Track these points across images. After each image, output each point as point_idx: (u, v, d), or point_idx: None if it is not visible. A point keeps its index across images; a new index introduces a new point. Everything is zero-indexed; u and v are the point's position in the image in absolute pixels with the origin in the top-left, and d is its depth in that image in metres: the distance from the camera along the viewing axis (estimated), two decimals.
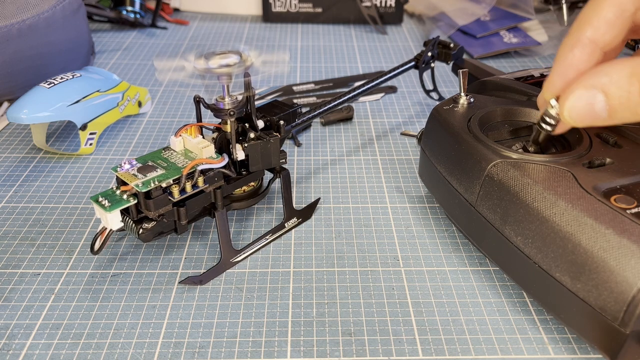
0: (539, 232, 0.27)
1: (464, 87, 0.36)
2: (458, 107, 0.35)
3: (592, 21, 0.27)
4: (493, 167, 0.30)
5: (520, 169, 0.29)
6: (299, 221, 0.37)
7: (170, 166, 0.30)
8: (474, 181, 0.31)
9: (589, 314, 0.25)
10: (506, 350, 0.28)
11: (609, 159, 0.29)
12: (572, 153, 0.30)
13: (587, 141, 0.31)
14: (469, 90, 0.38)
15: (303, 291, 0.31)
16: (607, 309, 0.24)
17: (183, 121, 0.50)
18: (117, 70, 0.61)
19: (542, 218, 0.27)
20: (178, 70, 0.29)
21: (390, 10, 0.75)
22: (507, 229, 0.29)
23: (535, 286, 0.28)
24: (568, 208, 0.26)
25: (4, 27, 0.46)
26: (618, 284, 0.23)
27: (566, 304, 0.26)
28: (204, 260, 0.34)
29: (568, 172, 0.28)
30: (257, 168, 0.33)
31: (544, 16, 0.76)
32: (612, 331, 0.24)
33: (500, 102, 0.36)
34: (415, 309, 0.30)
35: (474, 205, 0.31)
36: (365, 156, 0.45)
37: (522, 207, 0.28)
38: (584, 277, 0.25)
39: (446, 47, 0.49)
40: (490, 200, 0.30)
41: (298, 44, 0.69)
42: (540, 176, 0.28)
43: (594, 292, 0.24)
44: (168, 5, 0.79)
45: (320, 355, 0.28)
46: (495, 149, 0.30)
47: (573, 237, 0.25)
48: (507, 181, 0.29)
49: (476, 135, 0.32)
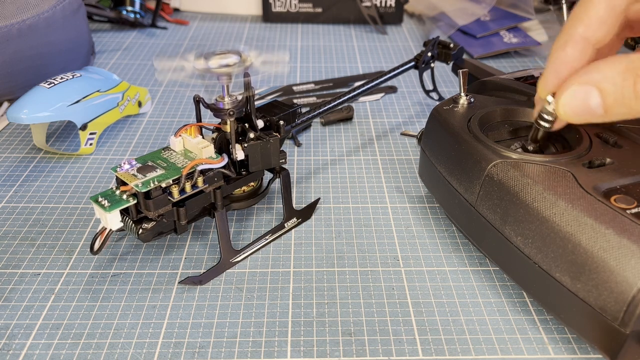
0: (539, 232, 0.27)
1: (464, 87, 0.36)
2: (458, 107, 0.35)
3: (583, 18, 0.27)
4: (493, 167, 0.30)
5: (520, 169, 0.29)
6: (298, 221, 0.37)
7: (170, 166, 0.30)
8: (474, 181, 0.31)
9: (589, 314, 0.25)
10: (506, 350, 0.28)
11: (609, 159, 0.29)
12: (572, 153, 0.30)
13: (587, 141, 0.31)
14: (469, 91, 0.38)
15: (303, 291, 0.31)
16: (607, 309, 0.24)
17: (183, 121, 0.50)
18: (117, 70, 0.61)
19: (542, 218, 0.27)
20: (178, 71, 0.29)
21: (390, 10, 0.75)
22: (507, 229, 0.29)
23: (535, 286, 0.28)
24: (568, 208, 0.26)
25: (4, 27, 0.46)
26: (618, 284, 0.23)
27: (566, 304, 0.26)
28: (204, 260, 0.34)
29: (568, 172, 0.28)
30: (256, 168, 0.33)
31: (544, 16, 0.76)
32: (612, 331, 0.24)
33: (501, 102, 0.36)
34: (415, 309, 0.30)
35: (474, 206, 0.31)
36: (365, 156, 0.45)
37: (522, 207, 0.28)
38: (584, 277, 0.25)
39: (446, 47, 0.49)
40: (490, 201, 0.30)
41: (298, 44, 0.69)
42: (540, 176, 0.28)
43: (594, 292, 0.24)
44: (168, 5, 0.79)
45: (320, 355, 0.28)
46: (495, 149, 0.30)
47: (573, 237, 0.25)
48: (507, 181, 0.29)
49: (476, 136, 0.32)
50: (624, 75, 0.24)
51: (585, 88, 0.25)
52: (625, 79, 0.24)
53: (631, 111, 0.25)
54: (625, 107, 0.25)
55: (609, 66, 0.25)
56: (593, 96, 0.25)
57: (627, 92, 0.24)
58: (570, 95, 0.26)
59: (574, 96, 0.26)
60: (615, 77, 0.25)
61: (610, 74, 0.25)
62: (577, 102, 0.26)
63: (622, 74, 0.24)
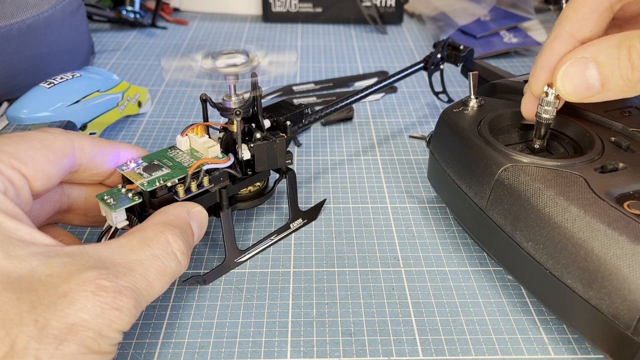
0: (551, 238, 0.26)
1: (474, 90, 0.36)
2: (468, 109, 0.35)
3: (570, 16, 0.28)
4: (503, 172, 0.29)
5: (531, 173, 0.28)
6: (304, 222, 0.37)
7: (176, 165, 0.30)
8: (484, 185, 0.30)
9: (601, 321, 0.24)
10: (506, 350, 0.28)
11: (622, 163, 0.29)
12: (584, 157, 0.29)
13: (599, 145, 0.30)
14: (479, 93, 0.38)
15: (303, 291, 0.31)
16: (620, 317, 0.24)
17: (183, 121, 0.50)
18: (117, 70, 0.61)
19: (553, 224, 0.26)
20: (185, 70, 0.29)
21: (390, 10, 0.75)
22: (517, 234, 0.28)
23: (546, 292, 0.27)
24: (580, 214, 0.26)
25: (4, 27, 0.46)
26: (632, 291, 0.23)
27: (578, 311, 0.26)
28: (204, 260, 0.34)
29: (580, 177, 0.28)
30: (262, 168, 0.33)
31: (544, 16, 0.76)
32: (624, 339, 0.24)
33: (511, 105, 0.35)
34: (415, 309, 0.30)
35: (484, 210, 0.31)
36: (366, 156, 0.45)
37: (533, 212, 0.27)
38: (596, 285, 0.24)
39: (456, 48, 0.49)
40: (501, 205, 0.29)
41: (298, 44, 0.69)
42: (551, 181, 0.28)
43: (607, 299, 0.24)
44: (168, 5, 0.79)
45: (320, 355, 0.28)
46: (506, 153, 0.30)
47: (585, 243, 0.25)
48: (518, 186, 0.28)
49: (486, 139, 0.31)
50: (619, 47, 0.25)
51: (582, 61, 0.26)
52: (621, 50, 0.25)
53: (628, 84, 0.25)
54: (623, 79, 0.25)
55: (604, 40, 0.26)
56: (590, 68, 0.26)
57: (623, 63, 0.25)
58: (568, 68, 0.26)
59: (572, 69, 0.26)
60: (610, 48, 0.25)
61: (605, 46, 0.25)
62: (575, 76, 0.26)
63: (616, 46, 0.25)
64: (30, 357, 0.19)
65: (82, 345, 0.20)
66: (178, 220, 0.26)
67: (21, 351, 0.19)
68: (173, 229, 0.25)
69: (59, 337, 0.19)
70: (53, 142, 0.26)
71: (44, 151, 0.25)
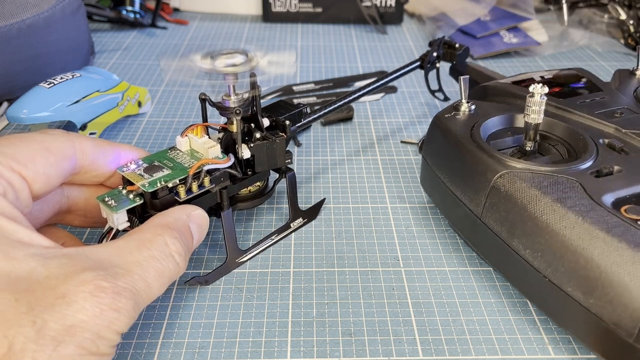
0: (549, 245, 0.26)
1: (465, 94, 0.35)
2: (460, 114, 0.35)
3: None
4: (499, 179, 0.29)
5: (527, 180, 0.28)
6: (304, 222, 0.37)
7: (177, 166, 0.30)
8: (479, 192, 0.30)
9: (602, 329, 0.24)
10: (506, 350, 0.28)
11: (617, 166, 0.29)
12: (579, 162, 0.29)
13: (592, 148, 0.30)
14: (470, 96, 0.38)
15: (303, 291, 0.31)
16: (622, 325, 0.23)
17: (183, 121, 0.50)
18: (117, 70, 0.61)
19: (551, 231, 0.26)
20: (185, 70, 0.29)
21: (390, 10, 0.75)
22: (515, 241, 0.28)
23: (546, 300, 0.27)
24: (578, 221, 0.25)
25: (4, 27, 0.46)
26: (633, 299, 0.23)
27: (578, 318, 0.25)
28: (204, 260, 0.34)
29: (576, 182, 0.28)
30: (262, 168, 0.33)
31: (544, 16, 0.76)
32: (626, 347, 0.23)
33: (502, 109, 0.35)
34: (415, 309, 0.30)
35: (479, 217, 0.30)
36: (365, 156, 0.45)
37: (530, 220, 0.27)
38: (597, 293, 0.24)
39: (452, 47, 0.49)
40: (497, 213, 0.29)
41: (298, 44, 0.69)
42: (548, 188, 0.27)
43: (608, 307, 0.24)
44: (168, 5, 0.79)
45: (320, 355, 0.28)
46: (501, 159, 0.30)
47: (585, 251, 0.25)
48: (514, 193, 0.28)
49: (480, 145, 0.31)
50: None
51: None
52: None
53: None
54: None
55: None
56: None
57: None
58: None
59: None
60: None
61: None
62: None
63: None
64: (27, 358, 0.19)
65: (80, 346, 0.20)
66: (177, 222, 0.26)
67: (19, 353, 0.18)
68: (171, 231, 0.25)
69: (56, 339, 0.19)
70: (53, 144, 0.26)
71: (44, 153, 0.25)
